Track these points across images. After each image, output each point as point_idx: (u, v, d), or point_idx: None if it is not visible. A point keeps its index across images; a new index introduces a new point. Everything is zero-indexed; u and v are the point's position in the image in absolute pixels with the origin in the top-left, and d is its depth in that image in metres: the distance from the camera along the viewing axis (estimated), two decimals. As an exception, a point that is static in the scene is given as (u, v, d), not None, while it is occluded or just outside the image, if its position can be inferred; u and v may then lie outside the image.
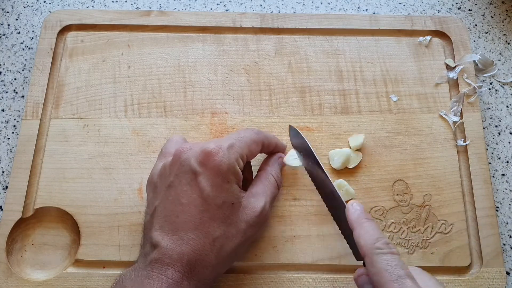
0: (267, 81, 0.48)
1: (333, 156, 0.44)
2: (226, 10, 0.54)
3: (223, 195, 0.35)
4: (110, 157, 0.45)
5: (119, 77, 0.48)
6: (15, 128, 0.48)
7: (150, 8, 0.54)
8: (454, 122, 0.46)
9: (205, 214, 0.35)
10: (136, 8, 0.54)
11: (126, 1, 0.55)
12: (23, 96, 0.50)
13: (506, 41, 0.53)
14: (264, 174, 0.40)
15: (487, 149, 0.47)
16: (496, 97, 0.50)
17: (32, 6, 0.55)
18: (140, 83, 0.48)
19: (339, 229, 0.39)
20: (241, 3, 0.55)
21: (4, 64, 0.51)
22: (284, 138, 0.45)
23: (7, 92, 0.50)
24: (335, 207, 0.38)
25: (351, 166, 0.44)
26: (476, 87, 0.47)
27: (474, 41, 0.53)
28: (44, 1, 0.55)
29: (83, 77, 0.48)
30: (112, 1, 0.55)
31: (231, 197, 0.36)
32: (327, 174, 0.38)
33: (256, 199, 0.38)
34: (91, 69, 0.49)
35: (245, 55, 0.49)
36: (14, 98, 0.50)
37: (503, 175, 0.47)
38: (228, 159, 0.35)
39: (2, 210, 0.44)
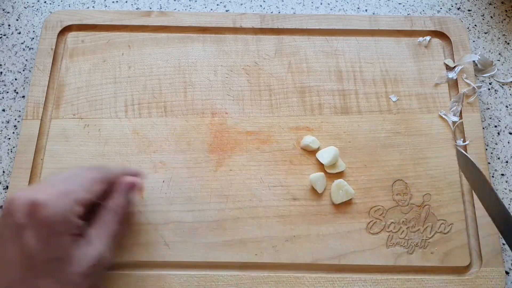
0: (267, 81, 0.48)
1: (322, 155, 0.44)
2: (226, 11, 0.55)
3: (49, 249, 0.32)
4: (110, 157, 0.45)
5: (119, 77, 0.48)
6: (16, 128, 0.48)
7: (150, 8, 0.54)
8: (454, 122, 0.46)
9: (29, 272, 0.32)
10: (136, 9, 0.54)
11: (126, 2, 0.55)
12: (23, 96, 0.50)
13: (506, 41, 0.53)
14: (103, 213, 0.37)
15: (486, 149, 0.47)
16: (496, 97, 0.50)
17: (32, 6, 0.55)
18: (140, 83, 0.48)
19: (509, 246, 0.38)
20: (241, 4, 0.55)
21: (4, 64, 0.51)
22: (283, 138, 0.46)
23: (7, 92, 0.50)
24: (504, 223, 0.37)
25: (339, 169, 0.44)
26: (476, 87, 0.48)
27: (474, 41, 0.53)
28: (45, 2, 0.55)
29: (83, 77, 0.48)
30: (113, 2, 0.55)
31: (58, 251, 0.33)
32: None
33: (91, 247, 0.35)
34: (91, 69, 0.49)
35: (245, 56, 0.50)
36: (14, 98, 0.50)
37: (502, 175, 0.47)
38: (60, 209, 0.32)
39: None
